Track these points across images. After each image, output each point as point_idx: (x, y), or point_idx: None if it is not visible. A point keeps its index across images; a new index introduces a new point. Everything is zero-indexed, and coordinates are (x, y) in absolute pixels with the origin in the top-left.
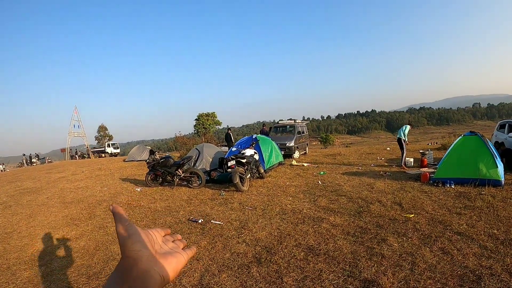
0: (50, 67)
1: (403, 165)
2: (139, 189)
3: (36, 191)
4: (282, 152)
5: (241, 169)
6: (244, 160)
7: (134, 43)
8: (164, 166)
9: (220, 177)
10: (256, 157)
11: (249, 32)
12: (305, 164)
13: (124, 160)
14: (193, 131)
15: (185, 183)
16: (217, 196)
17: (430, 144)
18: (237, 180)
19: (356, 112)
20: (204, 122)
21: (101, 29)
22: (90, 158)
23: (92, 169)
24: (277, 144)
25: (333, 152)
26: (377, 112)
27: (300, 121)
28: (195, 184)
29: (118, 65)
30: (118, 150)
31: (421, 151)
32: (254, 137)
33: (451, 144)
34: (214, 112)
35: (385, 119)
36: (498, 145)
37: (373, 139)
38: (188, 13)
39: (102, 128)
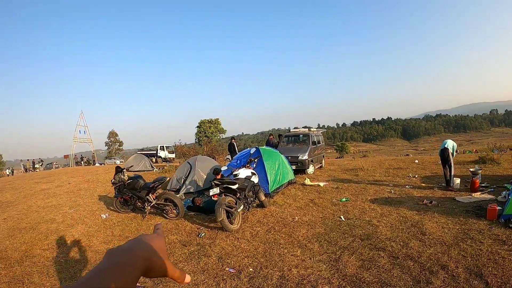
0: (64, 71)
1: (451, 187)
2: (104, 216)
3: (3, 208)
4: (293, 167)
5: (229, 198)
6: (234, 187)
7: (144, 46)
8: (132, 189)
9: (208, 204)
10: (255, 179)
11: (264, 37)
12: (322, 184)
13: None
14: (195, 139)
15: (160, 211)
16: (193, 238)
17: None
18: (223, 216)
19: (371, 120)
20: (206, 130)
21: (110, 32)
22: (94, 164)
23: (81, 181)
24: (287, 157)
25: (354, 166)
26: (393, 119)
27: (315, 129)
28: (171, 215)
29: (129, 69)
30: (174, 156)
31: (471, 169)
32: (253, 151)
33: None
34: (217, 119)
35: (401, 127)
36: None
37: (388, 147)
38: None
39: (112, 134)
